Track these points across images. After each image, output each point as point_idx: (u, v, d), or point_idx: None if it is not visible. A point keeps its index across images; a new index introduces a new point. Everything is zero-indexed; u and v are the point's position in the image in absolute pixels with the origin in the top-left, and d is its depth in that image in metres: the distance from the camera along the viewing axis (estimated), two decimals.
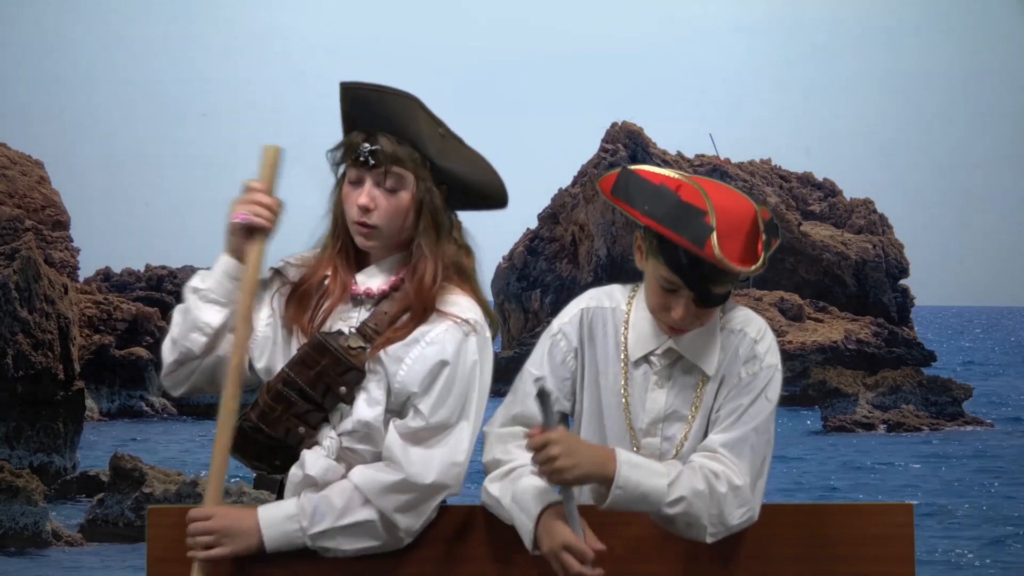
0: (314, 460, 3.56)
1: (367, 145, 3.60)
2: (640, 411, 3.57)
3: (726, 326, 3.58)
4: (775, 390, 3.57)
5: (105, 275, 53.67)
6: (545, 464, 3.37)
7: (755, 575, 3.59)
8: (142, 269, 53.61)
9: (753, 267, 3.41)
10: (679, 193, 3.42)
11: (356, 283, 3.64)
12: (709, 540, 3.47)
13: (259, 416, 3.59)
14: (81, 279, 46.57)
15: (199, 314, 3.64)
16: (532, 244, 57.30)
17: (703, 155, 61.13)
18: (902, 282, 59.76)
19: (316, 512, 3.50)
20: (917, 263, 63.65)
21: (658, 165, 3.70)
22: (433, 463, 3.48)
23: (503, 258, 57.98)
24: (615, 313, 3.62)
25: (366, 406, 3.57)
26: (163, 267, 53.03)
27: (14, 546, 23.52)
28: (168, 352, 3.70)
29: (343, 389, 3.57)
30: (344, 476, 3.57)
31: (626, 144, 57.85)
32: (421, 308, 3.58)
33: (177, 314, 3.70)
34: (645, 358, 3.57)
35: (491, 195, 3.67)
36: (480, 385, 3.56)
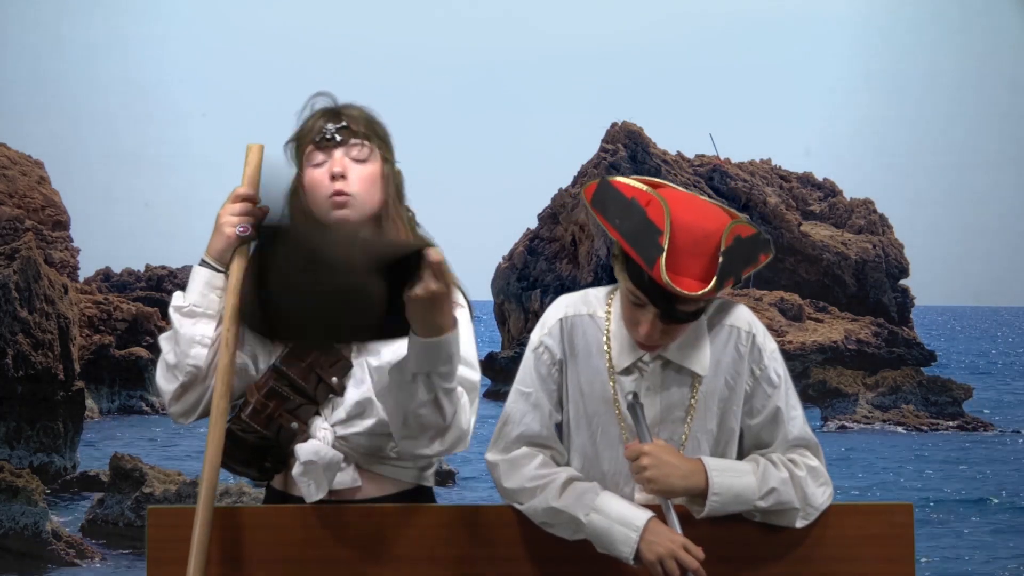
0: (313, 449, 3.57)
1: (332, 125, 3.67)
2: (635, 419, 3.56)
3: (713, 322, 3.57)
4: (787, 370, 3.65)
5: (105, 275, 53.69)
6: (638, 474, 3.47)
7: (754, 574, 3.59)
8: (142, 269, 53.65)
9: (699, 292, 3.34)
10: (647, 209, 3.39)
11: None
12: (799, 524, 3.57)
13: (251, 415, 3.58)
14: (81, 279, 46.57)
15: (194, 329, 3.59)
16: (532, 244, 57.26)
17: (703, 155, 61.06)
18: (902, 282, 59.73)
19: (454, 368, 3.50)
20: (917, 263, 63.59)
21: (657, 165, 3.71)
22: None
23: (503, 258, 57.95)
24: (594, 320, 3.60)
25: (355, 388, 3.61)
26: (163, 267, 53.07)
27: (14, 546, 23.52)
28: (168, 380, 3.62)
29: (335, 379, 3.60)
30: (343, 463, 3.59)
31: (626, 144, 57.78)
32: None
33: (166, 341, 3.63)
34: (634, 365, 3.57)
35: None
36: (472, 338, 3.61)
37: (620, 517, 3.49)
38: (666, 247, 3.33)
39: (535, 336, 3.63)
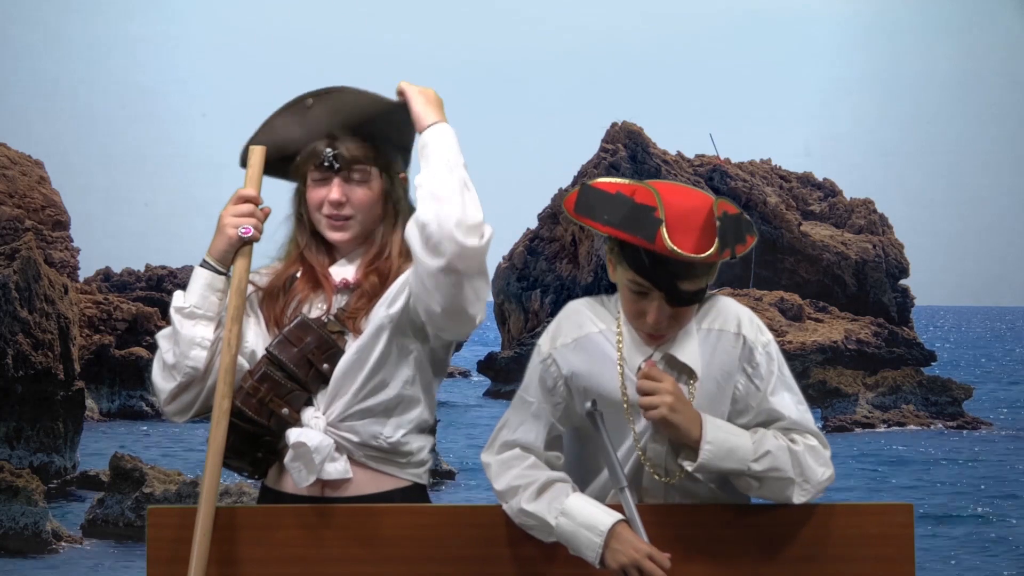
0: (302, 432, 3.60)
1: (329, 151, 3.71)
2: (639, 416, 3.56)
3: (701, 323, 3.57)
4: (782, 363, 3.61)
5: (105, 275, 53.63)
6: (654, 396, 3.45)
7: (755, 575, 3.59)
8: (142, 269, 53.59)
9: (706, 254, 3.37)
10: (633, 197, 3.43)
11: (331, 275, 3.72)
12: (798, 499, 3.55)
13: (243, 400, 3.61)
14: (81, 279, 46.51)
15: (194, 331, 3.63)
16: (532, 244, 57.22)
17: (703, 155, 61.03)
18: (902, 282, 59.69)
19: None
20: (917, 263, 63.59)
21: (657, 165, 3.74)
22: None
23: (503, 258, 57.89)
24: (605, 335, 3.59)
25: (339, 368, 3.65)
26: (163, 267, 53.02)
27: (14, 546, 23.51)
28: (166, 379, 3.66)
29: (326, 366, 3.63)
30: (335, 453, 3.62)
31: (626, 144, 57.75)
32: (380, 278, 3.68)
33: (164, 340, 3.68)
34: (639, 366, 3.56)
35: None
36: None
37: (586, 521, 3.48)
38: (664, 218, 3.36)
39: (545, 346, 3.62)
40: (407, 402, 3.69)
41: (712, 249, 3.38)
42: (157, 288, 50.58)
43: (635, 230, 3.38)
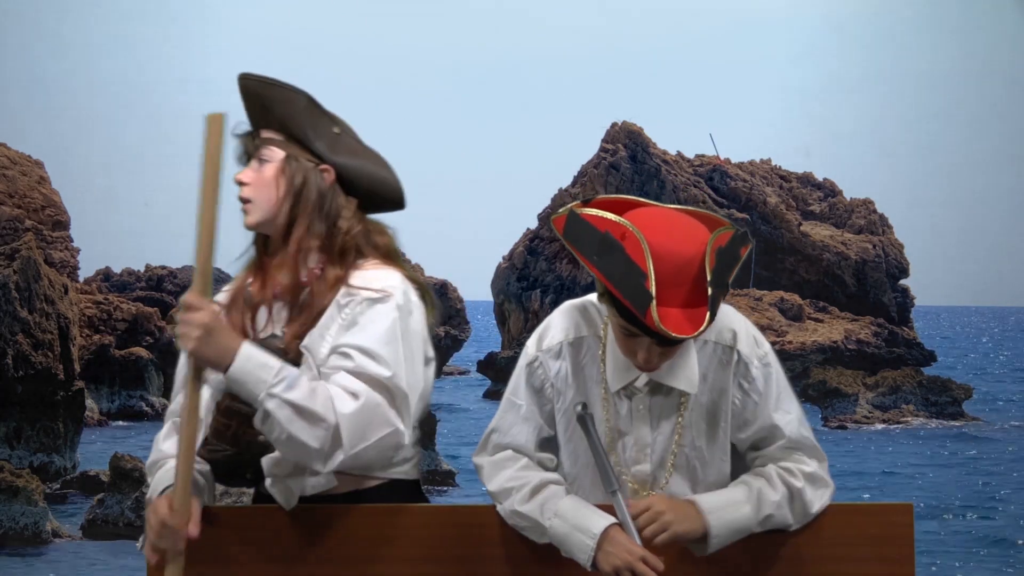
0: (274, 461, 3.51)
1: (240, 136, 3.64)
2: (630, 440, 3.55)
3: (697, 338, 3.50)
4: (779, 373, 3.58)
5: (105, 275, 53.63)
6: (654, 523, 3.42)
7: (755, 575, 3.59)
8: (142, 269, 53.57)
9: (698, 332, 3.30)
10: (624, 244, 3.32)
11: (278, 283, 3.58)
12: (794, 528, 3.56)
13: (215, 435, 3.54)
14: (81, 279, 46.54)
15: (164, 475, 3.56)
16: (532, 244, 57.25)
17: (703, 155, 61.06)
18: (902, 282, 59.74)
19: (289, 379, 3.38)
20: (917, 263, 63.60)
21: (657, 165, 3.67)
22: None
23: (503, 258, 57.94)
24: (592, 340, 3.56)
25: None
26: (163, 267, 52.98)
27: (14, 546, 23.53)
28: None
29: None
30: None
31: (626, 144, 57.76)
32: (291, 289, 3.54)
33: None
34: (625, 388, 3.53)
35: (385, 193, 3.65)
36: (406, 332, 3.49)
37: (578, 523, 3.47)
38: (655, 292, 3.28)
39: (532, 349, 3.60)
40: None
41: (703, 327, 3.30)
42: (157, 288, 50.57)
43: (626, 293, 3.29)
